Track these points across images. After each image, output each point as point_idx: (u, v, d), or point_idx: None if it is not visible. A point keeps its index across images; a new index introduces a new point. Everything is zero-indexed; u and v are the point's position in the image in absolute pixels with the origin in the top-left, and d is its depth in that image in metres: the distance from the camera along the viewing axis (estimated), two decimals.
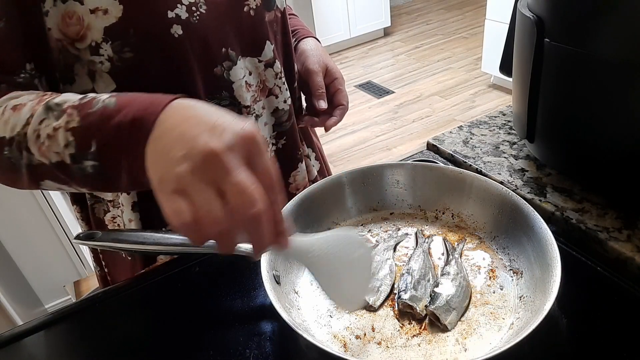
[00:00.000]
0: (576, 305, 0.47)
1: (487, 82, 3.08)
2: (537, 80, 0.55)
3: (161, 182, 0.34)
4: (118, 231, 0.57)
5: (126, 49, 0.51)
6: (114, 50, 0.51)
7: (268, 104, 0.66)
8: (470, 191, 0.56)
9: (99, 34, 0.50)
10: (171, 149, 0.34)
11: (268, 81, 0.65)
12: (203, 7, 0.55)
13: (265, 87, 0.65)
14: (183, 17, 0.53)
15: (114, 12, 0.49)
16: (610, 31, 0.47)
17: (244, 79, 0.61)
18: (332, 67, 0.70)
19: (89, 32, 0.50)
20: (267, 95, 0.66)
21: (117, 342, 0.52)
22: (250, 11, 0.59)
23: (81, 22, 0.49)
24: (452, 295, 0.46)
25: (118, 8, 0.49)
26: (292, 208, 0.54)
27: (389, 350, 0.44)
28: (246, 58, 0.61)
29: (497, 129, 0.73)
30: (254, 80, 0.63)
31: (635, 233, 0.51)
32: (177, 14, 0.53)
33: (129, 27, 0.50)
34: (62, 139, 0.42)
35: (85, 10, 0.49)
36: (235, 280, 0.55)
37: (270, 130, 0.68)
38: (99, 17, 0.49)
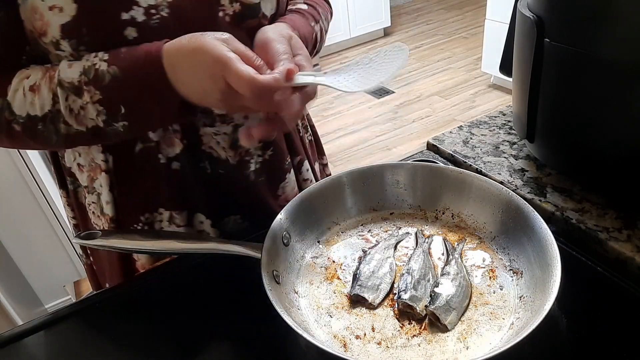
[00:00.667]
0: (576, 305, 0.47)
1: (487, 82, 3.08)
2: (537, 80, 0.55)
3: (207, 96, 0.48)
4: (118, 231, 0.57)
5: (81, 48, 0.51)
6: (71, 48, 0.51)
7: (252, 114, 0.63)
8: (470, 191, 0.56)
9: (56, 31, 0.50)
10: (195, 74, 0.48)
11: None
12: (165, 10, 0.53)
13: None
14: (139, 19, 0.52)
15: (68, 11, 0.49)
16: (610, 31, 0.47)
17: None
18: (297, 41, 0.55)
19: (49, 29, 0.50)
20: None
21: (117, 342, 0.52)
22: (225, 17, 0.57)
23: (42, 18, 0.50)
24: (452, 295, 0.46)
25: (72, 6, 0.49)
26: (292, 208, 0.54)
27: (389, 350, 0.44)
28: None
29: (497, 129, 0.73)
30: None
31: (635, 233, 0.51)
32: (132, 16, 0.51)
33: (81, 26, 0.50)
34: (93, 110, 0.50)
35: (44, 7, 0.50)
36: (234, 280, 0.55)
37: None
38: (55, 14, 0.50)
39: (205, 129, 0.61)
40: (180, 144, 0.61)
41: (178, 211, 0.65)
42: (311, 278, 0.52)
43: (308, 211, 0.56)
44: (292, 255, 0.53)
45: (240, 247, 0.51)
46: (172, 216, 0.64)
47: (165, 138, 0.60)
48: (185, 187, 0.64)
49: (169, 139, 0.60)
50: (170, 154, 0.61)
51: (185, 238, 0.53)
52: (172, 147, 0.61)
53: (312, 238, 0.57)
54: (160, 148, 0.61)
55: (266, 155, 0.68)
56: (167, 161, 0.61)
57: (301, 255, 0.54)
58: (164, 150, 0.61)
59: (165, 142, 0.60)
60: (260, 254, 0.48)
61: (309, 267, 0.54)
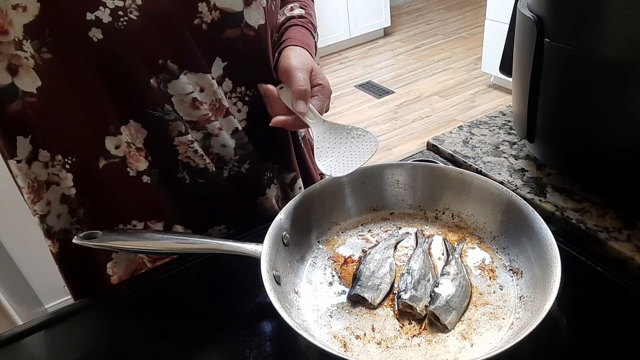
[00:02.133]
0: (576, 305, 0.47)
1: (487, 82, 3.08)
2: (537, 80, 0.55)
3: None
4: (118, 231, 0.57)
5: (44, 49, 0.50)
6: (34, 48, 0.50)
7: (226, 124, 0.62)
8: (470, 191, 0.56)
9: (19, 30, 0.49)
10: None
11: (223, 100, 0.61)
12: (134, 13, 0.51)
13: (222, 106, 0.60)
14: (105, 20, 0.50)
15: (31, 10, 0.48)
16: (610, 31, 0.47)
17: (190, 95, 0.57)
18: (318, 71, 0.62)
19: (11, 28, 0.49)
20: (224, 114, 0.61)
21: (117, 342, 0.52)
22: (202, 24, 0.55)
23: (4, 16, 0.49)
24: (452, 295, 0.46)
25: (35, 6, 0.48)
26: (292, 208, 0.54)
27: (389, 350, 0.44)
28: (195, 73, 0.57)
29: (497, 129, 0.73)
30: (206, 98, 0.59)
31: (635, 233, 0.51)
32: (97, 16, 0.50)
33: (44, 27, 0.49)
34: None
35: (7, 5, 0.48)
36: (235, 280, 0.55)
37: (232, 153, 0.64)
38: (19, 13, 0.48)
39: (179, 139, 0.59)
40: (146, 162, 0.59)
41: (154, 221, 0.63)
42: (311, 278, 0.52)
43: (308, 211, 0.56)
44: (292, 256, 0.53)
45: (241, 247, 0.51)
46: (147, 226, 0.63)
47: (131, 154, 0.58)
48: (159, 198, 0.62)
49: (134, 156, 0.59)
50: (139, 168, 0.60)
51: (185, 238, 0.53)
52: (139, 163, 0.59)
53: (312, 238, 0.57)
54: (127, 163, 0.59)
55: (242, 168, 0.66)
56: (137, 174, 0.60)
57: (301, 256, 0.54)
58: (131, 165, 0.59)
59: (131, 157, 0.59)
60: (260, 254, 0.48)
61: (309, 268, 0.54)
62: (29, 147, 0.56)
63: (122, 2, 0.50)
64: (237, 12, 0.57)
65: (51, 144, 0.57)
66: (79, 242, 0.52)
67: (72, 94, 0.54)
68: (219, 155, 0.63)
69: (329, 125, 0.59)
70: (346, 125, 0.58)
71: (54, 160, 0.58)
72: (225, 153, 0.63)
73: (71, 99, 0.54)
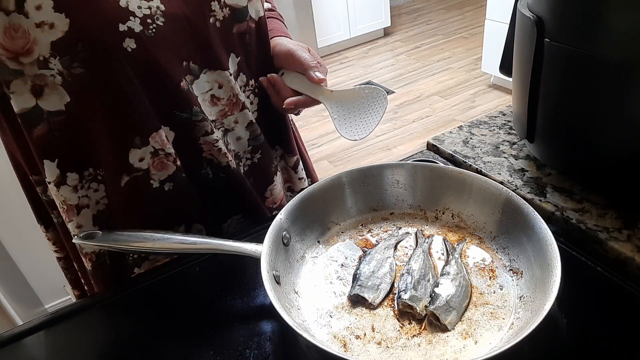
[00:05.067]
0: (576, 305, 0.47)
1: (487, 82, 3.08)
2: (537, 80, 0.55)
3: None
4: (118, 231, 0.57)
5: (75, 64, 0.49)
6: (63, 65, 0.49)
7: (242, 117, 0.64)
8: (470, 191, 0.56)
9: (46, 48, 0.48)
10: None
11: (240, 94, 0.62)
12: (160, 19, 0.52)
13: (239, 100, 0.63)
14: (137, 30, 0.51)
15: (60, 26, 0.47)
16: (610, 31, 0.47)
17: (209, 92, 0.59)
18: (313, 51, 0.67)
19: (36, 47, 0.48)
20: (240, 109, 0.63)
21: (117, 342, 0.52)
22: (216, 23, 0.57)
23: (27, 36, 0.47)
24: (452, 295, 0.46)
25: (64, 22, 0.47)
26: (292, 208, 0.54)
27: (389, 350, 0.44)
28: (214, 71, 0.59)
29: (497, 129, 0.73)
30: (224, 94, 0.61)
31: (635, 233, 0.51)
32: (129, 26, 0.50)
33: (77, 42, 0.48)
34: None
35: (30, 23, 0.46)
36: (235, 280, 0.55)
37: (245, 145, 0.66)
38: (45, 31, 0.47)
39: (205, 138, 0.60)
40: (174, 166, 0.60)
41: (176, 227, 0.65)
42: (311, 278, 0.52)
43: (308, 211, 0.56)
44: (292, 255, 0.53)
45: (241, 247, 0.51)
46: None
47: (155, 164, 0.59)
48: (181, 202, 0.63)
49: (159, 164, 0.59)
50: (162, 177, 0.60)
51: (185, 238, 0.53)
52: (164, 171, 0.60)
53: (312, 238, 0.57)
54: (150, 175, 0.59)
55: (255, 159, 0.68)
56: (160, 184, 0.60)
57: (301, 255, 0.54)
58: (154, 175, 0.59)
59: (155, 167, 0.59)
60: (261, 254, 0.48)
61: (309, 267, 0.54)
62: (57, 171, 0.56)
63: (149, 10, 0.51)
64: (242, 7, 0.59)
65: (78, 164, 0.56)
66: (79, 242, 0.52)
67: (102, 107, 0.54)
68: (235, 152, 0.66)
69: (337, 94, 0.63)
70: (353, 88, 0.62)
71: (82, 181, 0.57)
72: (240, 147, 0.66)
73: (100, 112, 0.54)
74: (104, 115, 0.54)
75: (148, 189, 0.60)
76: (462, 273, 0.49)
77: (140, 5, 0.51)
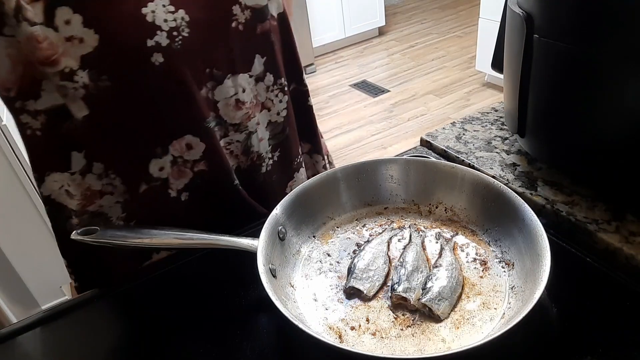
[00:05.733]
0: (566, 295, 0.48)
1: (481, 80, 3.09)
2: (527, 76, 0.56)
3: None
4: (116, 227, 0.57)
5: (103, 77, 0.50)
6: (90, 78, 0.50)
7: (262, 118, 0.65)
8: (463, 185, 0.57)
9: (75, 61, 0.48)
10: None
11: (260, 95, 0.63)
12: (185, 30, 0.52)
13: (259, 102, 0.63)
14: (164, 44, 0.51)
15: (89, 42, 0.48)
16: (598, 27, 0.48)
17: (233, 97, 0.59)
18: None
19: (64, 59, 0.48)
20: (260, 109, 0.64)
21: (113, 339, 0.53)
22: (239, 26, 0.57)
23: (54, 48, 0.48)
24: (444, 286, 0.47)
25: (94, 37, 0.48)
26: (288, 203, 0.55)
27: (384, 341, 0.45)
28: (238, 75, 0.59)
29: (489, 125, 0.74)
30: (247, 97, 0.61)
31: (623, 224, 0.52)
32: (157, 41, 0.51)
33: (105, 57, 0.49)
34: None
35: (59, 38, 0.47)
36: (232, 274, 0.56)
37: (267, 145, 0.66)
38: (74, 45, 0.48)
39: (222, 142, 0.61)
40: (191, 173, 0.60)
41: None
42: (307, 272, 0.53)
43: (304, 206, 0.57)
44: (288, 250, 0.54)
45: (237, 241, 0.51)
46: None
47: (174, 172, 0.59)
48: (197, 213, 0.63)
49: (177, 172, 0.59)
50: (179, 186, 0.60)
51: (182, 233, 0.54)
52: (182, 179, 0.60)
53: (308, 232, 0.57)
54: (169, 183, 0.60)
55: (275, 157, 0.68)
56: (177, 193, 0.61)
57: (297, 250, 0.55)
58: (173, 185, 0.60)
59: (173, 175, 0.59)
60: (257, 248, 0.48)
61: (304, 261, 0.54)
62: (83, 161, 0.56)
63: (175, 22, 0.52)
64: (263, 6, 0.59)
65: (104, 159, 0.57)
66: (78, 238, 0.53)
67: (124, 120, 0.55)
68: (258, 153, 0.65)
69: None
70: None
71: (107, 172, 0.58)
72: (262, 147, 0.66)
73: (122, 125, 0.55)
74: (127, 127, 0.55)
75: (166, 199, 0.60)
76: (454, 265, 0.50)
77: (167, 19, 0.51)
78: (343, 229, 0.59)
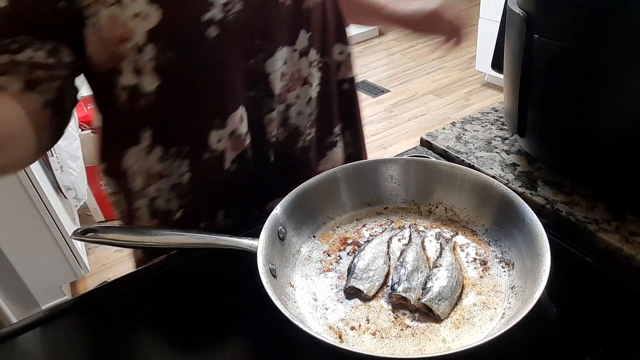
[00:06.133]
0: (566, 295, 0.48)
1: (481, 80, 3.09)
2: (527, 76, 0.56)
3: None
4: (116, 227, 0.57)
5: (167, 49, 0.54)
6: (157, 51, 0.54)
7: (303, 93, 0.67)
8: (463, 185, 0.57)
9: (142, 36, 0.53)
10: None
11: (303, 70, 0.65)
12: (238, 5, 0.55)
13: (300, 76, 0.65)
14: (217, 17, 0.54)
15: (153, 17, 0.52)
16: (598, 27, 0.48)
17: (279, 70, 0.62)
18: None
19: (133, 35, 0.52)
20: (302, 84, 0.66)
21: (113, 339, 0.52)
22: (286, 1, 0.60)
23: (125, 26, 0.52)
24: (444, 286, 0.47)
25: (158, 12, 0.52)
26: (288, 203, 0.55)
27: (384, 341, 0.45)
28: (284, 48, 0.62)
29: (489, 125, 0.74)
30: (288, 70, 0.64)
31: (623, 224, 0.52)
32: (210, 16, 0.54)
33: (168, 30, 0.53)
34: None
35: (127, 15, 0.51)
36: (232, 274, 0.56)
37: (305, 121, 0.69)
38: (141, 20, 0.52)
39: (269, 116, 0.64)
40: (242, 145, 0.63)
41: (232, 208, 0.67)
42: (307, 272, 0.53)
43: (304, 206, 0.57)
44: (288, 250, 0.54)
45: (237, 241, 0.51)
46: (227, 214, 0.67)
47: (232, 142, 0.62)
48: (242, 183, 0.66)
49: (234, 144, 0.62)
50: (232, 157, 0.63)
51: (182, 233, 0.54)
52: (236, 150, 0.63)
53: (308, 232, 0.57)
54: (225, 155, 0.62)
55: (312, 133, 0.70)
56: (230, 164, 0.64)
57: (297, 250, 0.55)
58: (227, 155, 0.63)
59: (231, 146, 0.62)
60: (257, 248, 0.48)
61: (304, 261, 0.54)
62: (149, 140, 0.61)
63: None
64: None
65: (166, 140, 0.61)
66: (77, 238, 0.53)
67: (187, 90, 0.59)
68: (295, 126, 0.67)
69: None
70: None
71: (167, 154, 0.62)
72: (300, 122, 0.68)
73: (186, 95, 0.59)
74: (189, 97, 0.59)
75: (221, 171, 0.63)
76: (454, 265, 0.50)
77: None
78: (343, 228, 0.59)
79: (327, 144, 0.73)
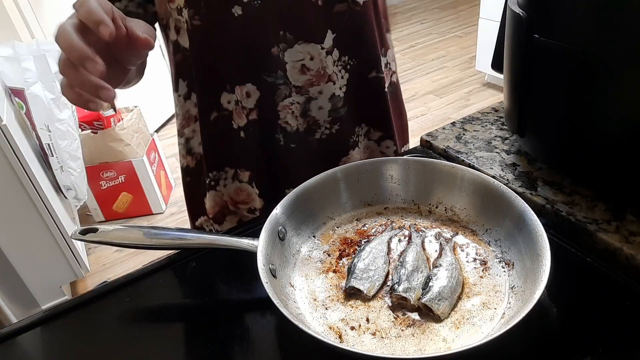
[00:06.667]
0: (566, 295, 0.48)
1: (482, 80, 3.09)
2: (527, 76, 0.56)
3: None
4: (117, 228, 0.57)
5: (196, 17, 0.62)
6: (188, 15, 0.63)
7: (326, 89, 0.69)
8: (463, 185, 0.57)
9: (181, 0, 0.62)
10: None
11: (328, 68, 0.68)
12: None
13: (325, 73, 0.68)
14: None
15: None
16: (598, 27, 0.48)
17: (300, 62, 0.66)
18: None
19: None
20: (326, 81, 0.69)
21: (113, 339, 0.52)
22: (318, 1, 0.64)
23: None
24: (444, 286, 0.47)
25: None
26: (288, 202, 0.55)
27: (384, 341, 0.45)
28: (308, 44, 0.66)
29: (489, 125, 0.74)
30: (314, 66, 0.67)
31: (623, 224, 0.52)
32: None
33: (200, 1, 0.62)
34: None
35: None
36: (231, 274, 0.56)
37: (326, 115, 0.71)
38: None
39: (283, 102, 0.68)
40: (245, 119, 0.69)
41: (242, 169, 0.73)
42: (307, 272, 0.53)
43: (304, 206, 0.57)
44: (288, 250, 0.54)
45: (237, 241, 0.51)
46: (237, 173, 0.74)
47: (237, 110, 0.69)
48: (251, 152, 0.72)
49: (238, 113, 0.69)
50: (240, 124, 0.70)
51: (182, 234, 0.54)
52: (240, 119, 0.70)
53: (308, 232, 0.57)
54: (233, 117, 0.70)
55: (333, 129, 0.73)
56: (238, 128, 0.71)
57: (297, 250, 0.55)
58: (235, 120, 0.70)
59: (236, 114, 0.69)
60: (257, 248, 0.48)
61: (304, 261, 0.54)
62: (186, 88, 0.72)
63: None
64: None
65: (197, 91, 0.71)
66: (77, 238, 0.53)
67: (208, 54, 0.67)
68: (315, 119, 0.71)
69: None
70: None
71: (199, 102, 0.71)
72: (320, 116, 0.71)
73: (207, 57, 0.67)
74: (209, 61, 0.67)
75: (230, 129, 0.71)
76: (454, 265, 0.50)
77: None
78: (343, 228, 0.59)
79: (350, 144, 0.75)
